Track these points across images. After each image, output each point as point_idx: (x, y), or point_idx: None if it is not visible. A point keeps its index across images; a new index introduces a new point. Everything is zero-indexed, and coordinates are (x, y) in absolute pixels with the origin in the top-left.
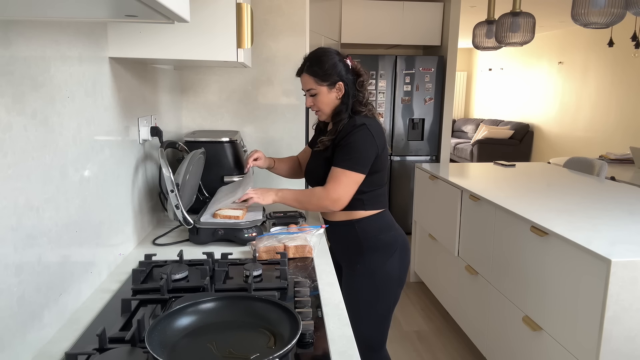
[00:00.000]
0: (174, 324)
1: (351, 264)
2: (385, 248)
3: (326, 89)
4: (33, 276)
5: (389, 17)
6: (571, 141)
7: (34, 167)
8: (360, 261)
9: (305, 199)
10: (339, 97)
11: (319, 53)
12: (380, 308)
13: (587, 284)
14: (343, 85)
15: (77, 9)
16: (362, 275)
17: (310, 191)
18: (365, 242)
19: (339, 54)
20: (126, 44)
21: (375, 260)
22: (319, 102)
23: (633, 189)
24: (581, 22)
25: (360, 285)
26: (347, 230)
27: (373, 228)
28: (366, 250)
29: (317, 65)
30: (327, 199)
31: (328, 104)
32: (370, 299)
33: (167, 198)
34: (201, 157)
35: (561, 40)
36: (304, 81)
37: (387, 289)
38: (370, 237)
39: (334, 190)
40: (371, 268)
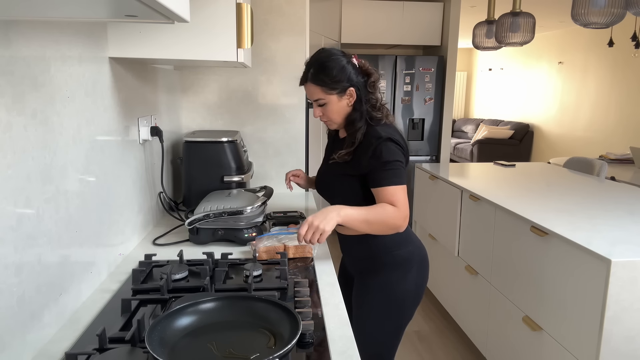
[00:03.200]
0: (174, 324)
1: (365, 278)
2: (403, 264)
3: (336, 97)
4: (33, 276)
5: (389, 17)
6: (571, 141)
7: (34, 167)
8: (375, 277)
9: (378, 218)
10: (350, 104)
11: (323, 57)
12: (393, 325)
13: (587, 284)
14: (355, 91)
15: (77, 9)
16: (378, 291)
17: (382, 211)
18: (380, 258)
19: (345, 55)
20: (126, 44)
21: (392, 277)
22: (329, 111)
23: (633, 189)
24: (581, 22)
25: (374, 301)
26: (361, 245)
27: (390, 243)
28: (382, 266)
29: (323, 71)
30: (400, 218)
31: (339, 113)
32: (384, 316)
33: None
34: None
35: (561, 40)
36: (309, 91)
37: (402, 307)
38: (387, 252)
39: (404, 207)
40: (387, 284)
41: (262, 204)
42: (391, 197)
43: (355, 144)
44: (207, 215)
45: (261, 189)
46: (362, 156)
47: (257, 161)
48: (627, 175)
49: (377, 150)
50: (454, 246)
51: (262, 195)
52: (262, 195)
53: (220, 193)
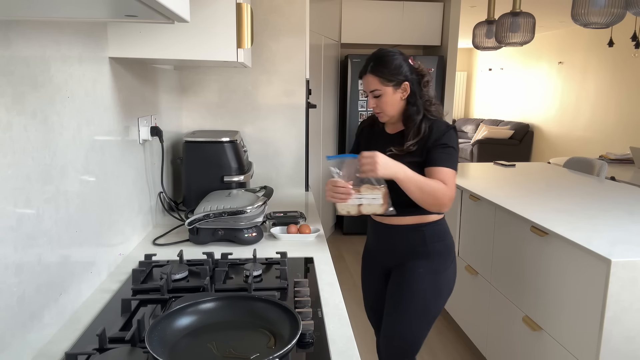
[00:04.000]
0: (174, 324)
1: (411, 264)
2: (448, 253)
3: (391, 89)
4: (33, 276)
5: (389, 17)
6: (571, 141)
7: (34, 167)
8: (424, 265)
9: (430, 189)
10: (403, 97)
11: (383, 53)
12: (431, 314)
13: (587, 284)
14: (409, 86)
15: (77, 9)
16: (424, 274)
17: (436, 184)
18: (431, 246)
19: (402, 54)
20: (126, 44)
21: (439, 263)
22: (383, 103)
23: (633, 189)
24: (581, 22)
25: (419, 284)
26: (413, 234)
27: (439, 232)
28: (431, 253)
29: (382, 65)
30: (448, 197)
31: (392, 105)
32: (429, 304)
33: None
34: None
35: (561, 40)
36: (367, 82)
37: (444, 295)
38: (437, 241)
39: (452, 189)
40: (434, 269)
41: (262, 204)
42: (444, 177)
43: (420, 134)
44: (207, 215)
45: (261, 189)
46: (428, 142)
47: (257, 161)
48: (627, 175)
49: (445, 135)
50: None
51: (262, 195)
52: (262, 195)
53: (220, 193)
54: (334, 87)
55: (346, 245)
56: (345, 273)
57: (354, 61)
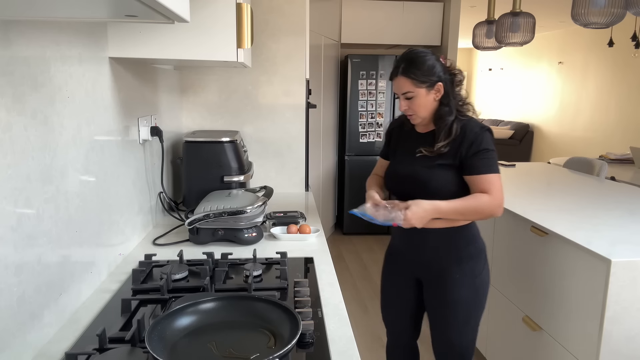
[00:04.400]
0: (174, 324)
1: (445, 272)
2: (479, 255)
3: (425, 90)
4: (33, 276)
5: (389, 17)
6: (571, 141)
7: (34, 167)
8: (458, 270)
9: (472, 209)
10: (437, 98)
11: (414, 54)
12: (477, 316)
13: (587, 284)
14: (442, 86)
15: (77, 9)
16: (460, 281)
17: (476, 201)
18: (463, 251)
19: (434, 54)
20: (126, 44)
21: (473, 267)
22: (416, 105)
23: (633, 189)
24: (581, 22)
25: (458, 291)
26: (445, 239)
27: (470, 235)
28: (464, 257)
29: (414, 66)
30: (497, 206)
31: (425, 107)
32: (471, 309)
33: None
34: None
35: (561, 40)
36: (399, 84)
37: (484, 298)
38: (468, 244)
39: (499, 194)
40: (469, 274)
41: (262, 204)
42: (487, 185)
43: (451, 135)
44: (207, 215)
45: (261, 189)
46: (463, 145)
47: (257, 161)
48: (627, 175)
49: (479, 139)
50: None
51: (262, 195)
52: (262, 195)
53: (220, 193)
54: (334, 87)
55: (346, 245)
56: (345, 273)
57: (354, 61)
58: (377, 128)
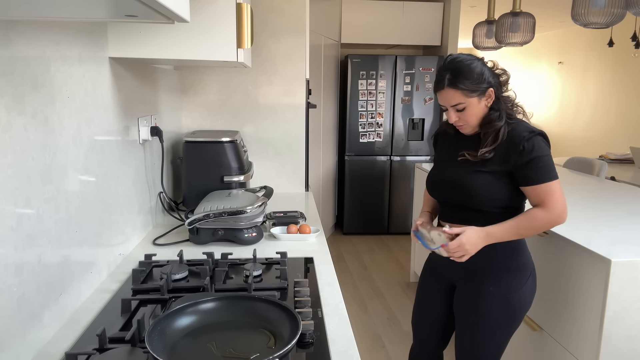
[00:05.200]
0: (174, 324)
1: (480, 284)
2: (522, 271)
3: (476, 99)
4: (33, 276)
5: (389, 17)
6: (571, 141)
7: (34, 167)
8: (495, 282)
9: (529, 228)
10: (488, 104)
11: (459, 63)
12: (503, 334)
13: (587, 284)
14: (493, 92)
15: (77, 9)
16: (495, 297)
17: (530, 219)
18: (503, 263)
19: (478, 58)
20: (126, 44)
21: (512, 284)
22: (468, 115)
23: (633, 189)
24: (581, 22)
25: (490, 308)
26: (483, 250)
27: (513, 248)
28: (504, 271)
29: (462, 75)
30: (557, 216)
31: (477, 115)
32: (498, 324)
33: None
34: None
35: (561, 40)
36: (447, 96)
37: (517, 316)
38: (510, 257)
39: (558, 203)
40: (506, 291)
41: (262, 204)
42: (544, 195)
43: (498, 141)
44: (207, 215)
45: (261, 189)
46: (511, 152)
47: (257, 161)
48: (627, 175)
49: (529, 144)
50: None
51: (262, 195)
52: (262, 195)
53: (220, 193)
54: (334, 87)
55: (346, 245)
56: (345, 273)
57: (354, 61)
58: (377, 128)
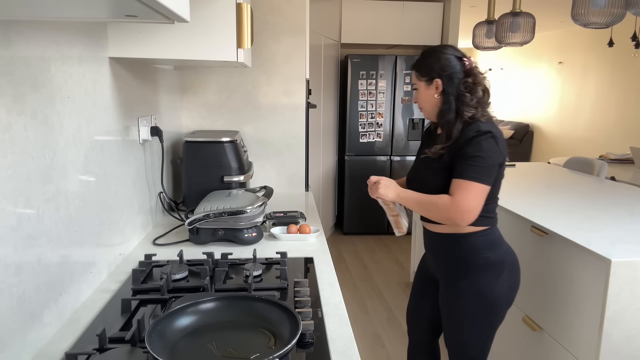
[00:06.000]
0: (174, 324)
1: (453, 281)
2: (493, 267)
3: (424, 84)
4: (33, 276)
5: (389, 17)
6: (571, 141)
7: (34, 167)
8: (466, 280)
9: (429, 206)
10: (436, 95)
11: (431, 48)
12: (485, 328)
13: (587, 284)
14: (440, 83)
15: (77, 9)
16: (469, 294)
17: (436, 198)
18: (471, 260)
19: (456, 51)
20: (126, 44)
21: (483, 280)
22: (419, 97)
23: (633, 189)
24: (581, 22)
25: (466, 305)
26: (451, 245)
27: (480, 245)
28: (472, 268)
29: (422, 58)
30: (455, 210)
31: (427, 101)
32: (476, 320)
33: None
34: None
35: (561, 40)
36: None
37: (495, 311)
38: (477, 254)
39: (464, 201)
40: (479, 288)
41: (262, 204)
42: (457, 189)
43: (450, 139)
44: (207, 215)
45: (261, 189)
46: (457, 148)
47: (257, 161)
48: (627, 175)
49: (471, 142)
50: None
51: (262, 195)
52: (262, 196)
53: (220, 193)
54: (334, 87)
55: (346, 245)
56: (345, 273)
57: (354, 61)
58: (377, 128)
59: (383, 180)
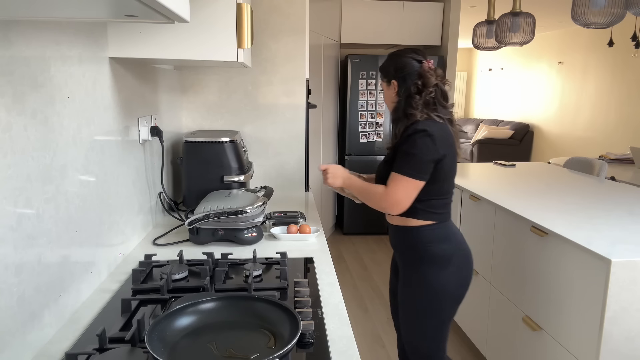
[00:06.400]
0: (174, 324)
1: (408, 272)
2: (440, 261)
3: (385, 84)
4: (33, 276)
5: (389, 17)
6: (571, 141)
7: (34, 167)
8: (416, 271)
9: (367, 194)
10: (395, 95)
11: (395, 52)
12: (432, 321)
13: (587, 284)
14: (396, 84)
15: (77, 9)
16: (417, 285)
17: (374, 188)
18: (419, 252)
19: (416, 55)
20: (126, 44)
21: (430, 273)
22: (384, 97)
23: (633, 189)
24: (581, 22)
25: (413, 296)
26: (404, 237)
27: (428, 238)
28: (421, 260)
29: (386, 61)
30: (385, 201)
31: (389, 101)
32: (423, 311)
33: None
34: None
35: (561, 40)
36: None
37: (439, 304)
38: (425, 247)
39: (393, 193)
40: (425, 280)
41: (262, 204)
42: (390, 182)
43: (397, 137)
44: (207, 215)
45: (261, 189)
46: (397, 145)
47: (257, 161)
48: (627, 175)
49: (408, 139)
50: None
51: (262, 195)
52: (262, 195)
53: (220, 193)
54: (334, 87)
55: (346, 245)
56: (345, 273)
57: (354, 61)
58: (377, 128)
59: (330, 169)
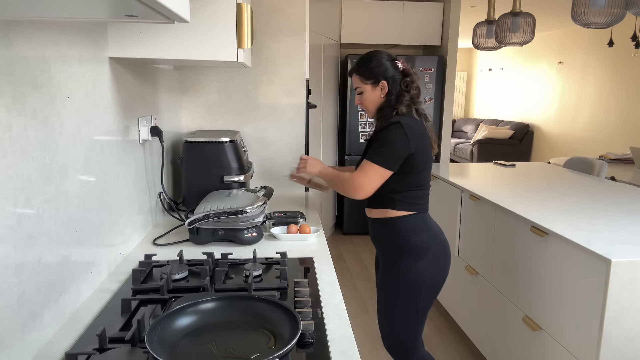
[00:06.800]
0: (174, 324)
1: (386, 262)
2: (416, 251)
3: (370, 87)
4: (33, 276)
5: (389, 17)
6: (571, 141)
7: (34, 167)
8: (393, 261)
9: (335, 180)
10: (383, 95)
11: (368, 54)
12: (407, 311)
13: (587, 284)
14: (387, 84)
15: (77, 9)
16: (394, 275)
17: (341, 174)
18: (397, 242)
19: (389, 55)
20: (126, 44)
21: (405, 262)
22: (364, 99)
23: (633, 189)
24: (581, 22)
25: (389, 285)
26: (382, 228)
27: (404, 229)
28: (398, 250)
29: (363, 64)
30: (350, 185)
31: (373, 102)
32: (398, 301)
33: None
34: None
35: (561, 40)
36: (353, 80)
37: (414, 293)
38: (401, 237)
39: (358, 178)
40: (401, 269)
41: (262, 204)
42: (360, 168)
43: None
44: (207, 215)
45: (261, 189)
46: (376, 135)
47: (257, 161)
48: (627, 175)
49: (383, 131)
50: (454, 246)
51: (262, 195)
52: (262, 195)
53: (220, 193)
54: (334, 87)
55: (346, 245)
56: (345, 273)
57: (354, 61)
58: None
59: (310, 160)
